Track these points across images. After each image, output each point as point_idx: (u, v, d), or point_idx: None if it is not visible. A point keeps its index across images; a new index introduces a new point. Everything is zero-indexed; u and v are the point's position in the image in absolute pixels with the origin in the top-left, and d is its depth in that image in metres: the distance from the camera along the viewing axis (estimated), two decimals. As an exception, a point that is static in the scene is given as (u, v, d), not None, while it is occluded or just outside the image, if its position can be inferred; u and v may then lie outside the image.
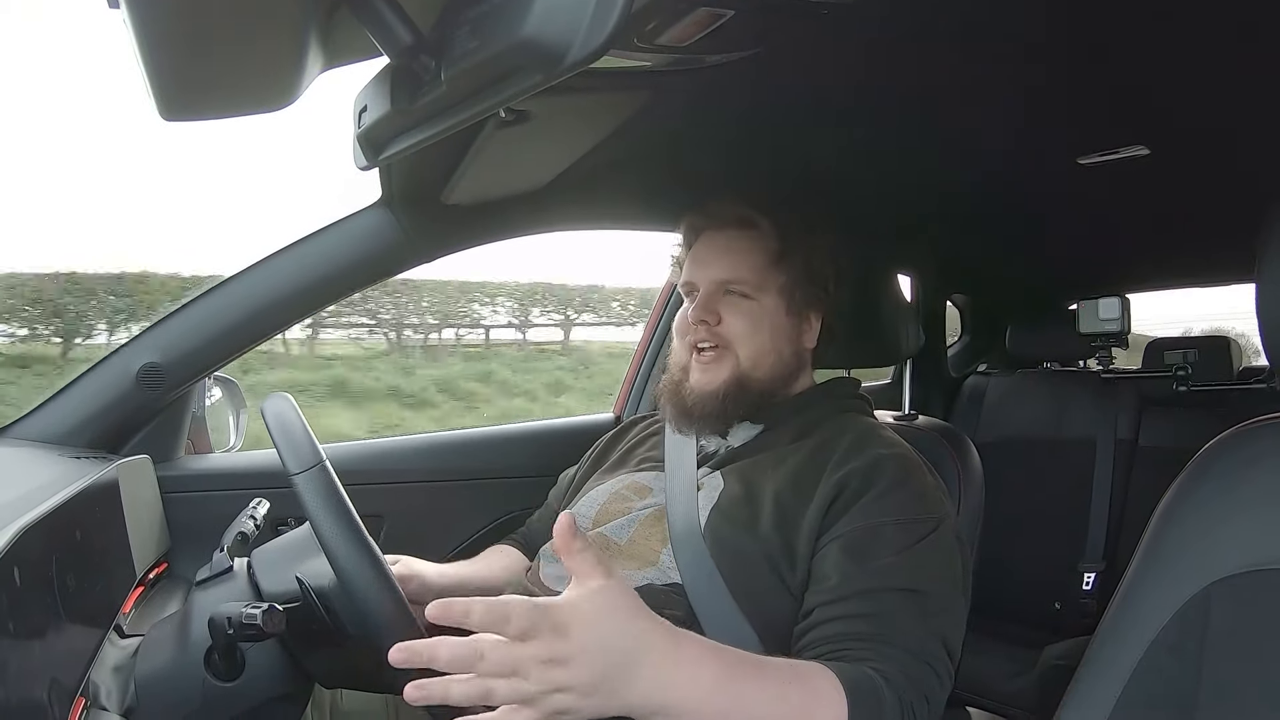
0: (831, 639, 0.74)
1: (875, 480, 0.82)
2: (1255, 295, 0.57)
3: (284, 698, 0.74)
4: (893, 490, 0.82)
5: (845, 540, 0.80)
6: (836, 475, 0.84)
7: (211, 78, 0.60)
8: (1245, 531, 0.55)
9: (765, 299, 0.94)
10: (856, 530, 0.80)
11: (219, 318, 1.10)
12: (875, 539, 0.79)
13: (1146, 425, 1.90)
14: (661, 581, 0.86)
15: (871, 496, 0.82)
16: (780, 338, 0.95)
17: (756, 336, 0.93)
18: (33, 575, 0.60)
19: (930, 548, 0.80)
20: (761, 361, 0.93)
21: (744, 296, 0.93)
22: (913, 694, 0.70)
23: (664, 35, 0.63)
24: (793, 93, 0.86)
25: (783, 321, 0.95)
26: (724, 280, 0.94)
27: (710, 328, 0.93)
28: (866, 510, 0.81)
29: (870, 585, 0.76)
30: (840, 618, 0.75)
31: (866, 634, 0.73)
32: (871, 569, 0.77)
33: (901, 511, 0.81)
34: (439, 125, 0.62)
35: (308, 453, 0.70)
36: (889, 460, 0.85)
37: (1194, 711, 0.54)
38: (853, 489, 0.82)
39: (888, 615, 0.74)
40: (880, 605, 0.75)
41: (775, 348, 0.94)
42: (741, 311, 0.93)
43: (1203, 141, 1.01)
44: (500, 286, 8.96)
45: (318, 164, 11.36)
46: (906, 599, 0.76)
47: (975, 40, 0.73)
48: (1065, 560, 1.86)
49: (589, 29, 0.45)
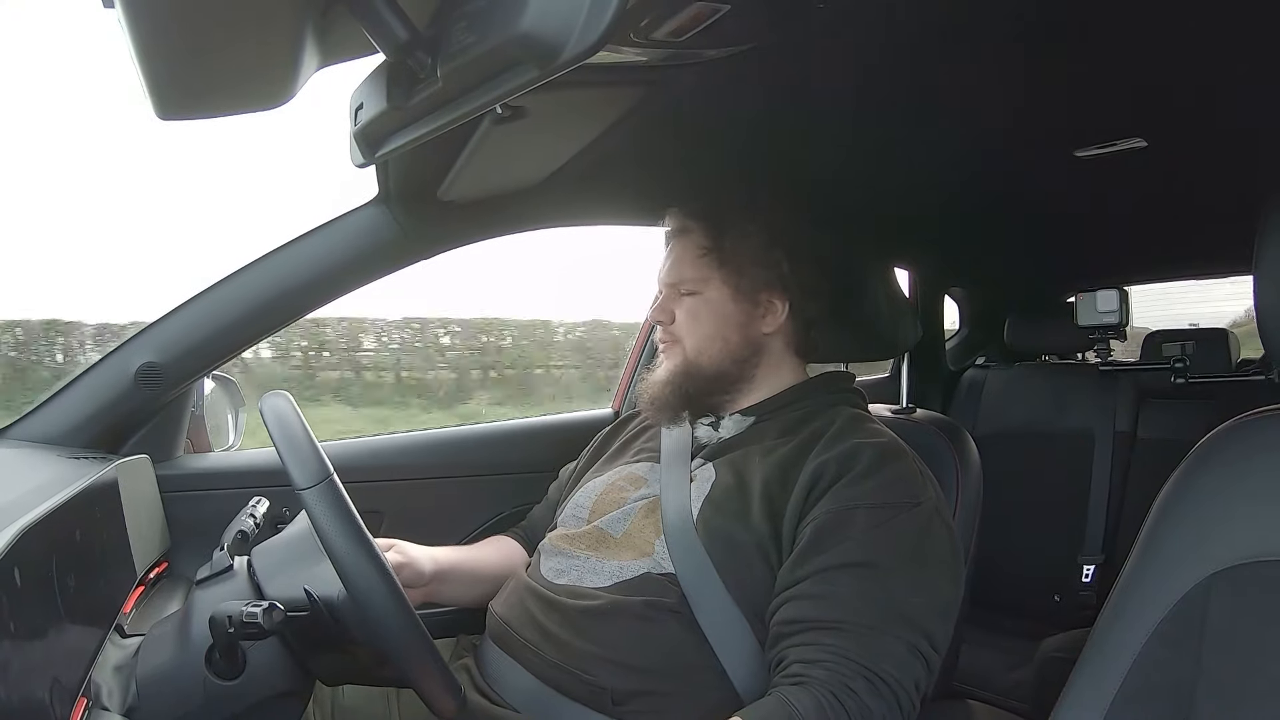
0: (782, 624, 0.79)
1: (850, 467, 0.85)
2: (1253, 287, 0.57)
3: (285, 695, 0.74)
4: (867, 476, 0.84)
5: (816, 524, 0.82)
6: (815, 463, 0.86)
7: (207, 76, 0.60)
8: (1244, 524, 0.55)
9: (709, 291, 0.99)
10: (828, 514, 0.82)
11: (217, 316, 1.10)
12: (844, 522, 0.81)
13: (1145, 418, 1.90)
14: (657, 571, 0.87)
15: (845, 482, 0.84)
16: (727, 325, 0.99)
17: (700, 328, 0.99)
18: (33, 576, 0.60)
19: (901, 526, 0.81)
20: (706, 349, 0.99)
21: (691, 294, 1.00)
22: (851, 676, 0.73)
23: (660, 30, 0.63)
24: (789, 87, 0.86)
25: (729, 309, 0.99)
26: (670, 282, 1.02)
27: (665, 327, 1.02)
28: (838, 495, 0.83)
29: (826, 564, 0.79)
30: (793, 599, 0.79)
31: (810, 620, 0.77)
32: (833, 551, 0.80)
33: (874, 496, 0.83)
34: (435, 122, 0.62)
35: (315, 466, 0.69)
36: (866, 448, 0.87)
37: (1192, 702, 0.54)
38: (829, 475, 0.85)
39: (835, 596, 0.77)
40: (830, 586, 0.78)
41: (721, 335, 0.99)
42: (687, 308, 1.00)
43: (1200, 134, 1.01)
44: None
45: (314, 162, 11.33)
46: (861, 575, 0.78)
47: (972, 34, 0.73)
48: (1064, 553, 1.87)
49: (585, 24, 0.44)
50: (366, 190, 1.10)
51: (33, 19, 10.68)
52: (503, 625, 0.93)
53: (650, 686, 0.82)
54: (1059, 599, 1.86)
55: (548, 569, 0.94)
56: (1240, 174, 1.15)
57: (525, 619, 0.90)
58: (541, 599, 0.90)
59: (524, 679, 0.87)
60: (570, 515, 1.01)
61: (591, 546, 0.93)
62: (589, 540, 0.94)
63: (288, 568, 0.77)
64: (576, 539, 0.95)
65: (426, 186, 1.06)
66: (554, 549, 0.96)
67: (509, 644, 0.91)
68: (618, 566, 0.89)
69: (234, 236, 8.23)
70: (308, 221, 1.11)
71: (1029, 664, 1.58)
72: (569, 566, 0.92)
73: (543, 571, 0.94)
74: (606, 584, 0.88)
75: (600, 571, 0.90)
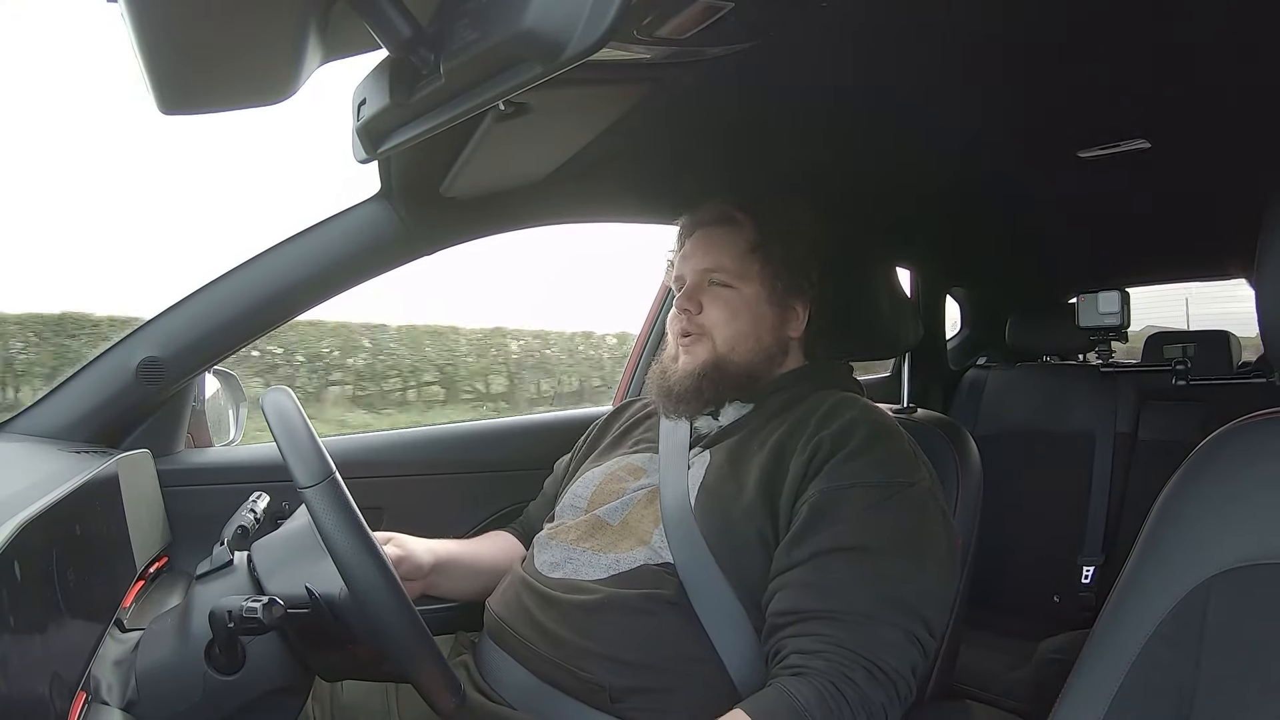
0: (778, 615, 0.79)
1: (845, 443, 0.85)
2: (1254, 290, 0.57)
3: (285, 690, 0.74)
4: (861, 453, 0.84)
5: (812, 502, 0.82)
6: (811, 442, 0.86)
7: (210, 71, 0.60)
8: (1244, 526, 0.55)
9: (746, 288, 0.98)
10: (823, 493, 0.82)
11: (219, 311, 1.10)
12: (839, 502, 0.81)
13: (1146, 419, 1.90)
14: (654, 562, 0.88)
15: (840, 459, 0.84)
16: (761, 325, 0.98)
17: (734, 323, 0.97)
18: (33, 570, 0.60)
19: (897, 509, 0.82)
20: (739, 346, 0.97)
21: (725, 286, 0.98)
22: (850, 666, 0.73)
23: (663, 28, 0.63)
24: (792, 86, 0.86)
25: (764, 310, 0.98)
26: (706, 269, 0.98)
27: (691, 316, 0.98)
28: (833, 473, 0.83)
29: (821, 547, 0.79)
30: (788, 587, 0.80)
31: (806, 610, 0.77)
32: (828, 532, 0.80)
33: (868, 474, 0.83)
34: (438, 118, 0.62)
35: (317, 464, 0.69)
36: (860, 424, 0.87)
37: (1192, 704, 0.54)
38: (824, 452, 0.85)
39: (830, 583, 0.78)
40: (825, 572, 0.78)
41: (755, 334, 0.98)
42: (721, 300, 0.98)
43: (1204, 136, 1.00)
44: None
45: (316, 157, 11.31)
46: (856, 559, 0.78)
47: (976, 33, 0.73)
48: (1064, 554, 1.87)
49: (588, 21, 0.44)
50: (369, 186, 1.11)
51: (35, 10, 10.64)
52: (499, 622, 0.93)
53: (647, 683, 0.82)
54: (1058, 600, 1.85)
55: (542, 562, 0.94)
56: (1243, 175, 1.15)
57: (521, 615, 0.90)
58: (537, 594, 0.90)
59: (521, 676, 0.87)
60: (568, 506, 1.01)
61: (588, 536, 0.93)
62: (585, 530, 0.94)
63: (288, 563, 0.77)
64: (572, 529, 0.95)
65: (429, 182, 1.06)
66: (549, 542, 0.96)
67: (506, 641, 0.91)
68: (614, 559, 0.89)
69: (236, 232, 8.22)
70: (310, 217, 1.11)
71: (1028, 665, 1.58)
72: (564, 559, 0.92)
73: (537, 565, 0.94)
74: (602, 577, 0.88)
75: (596, 564, 0.90)
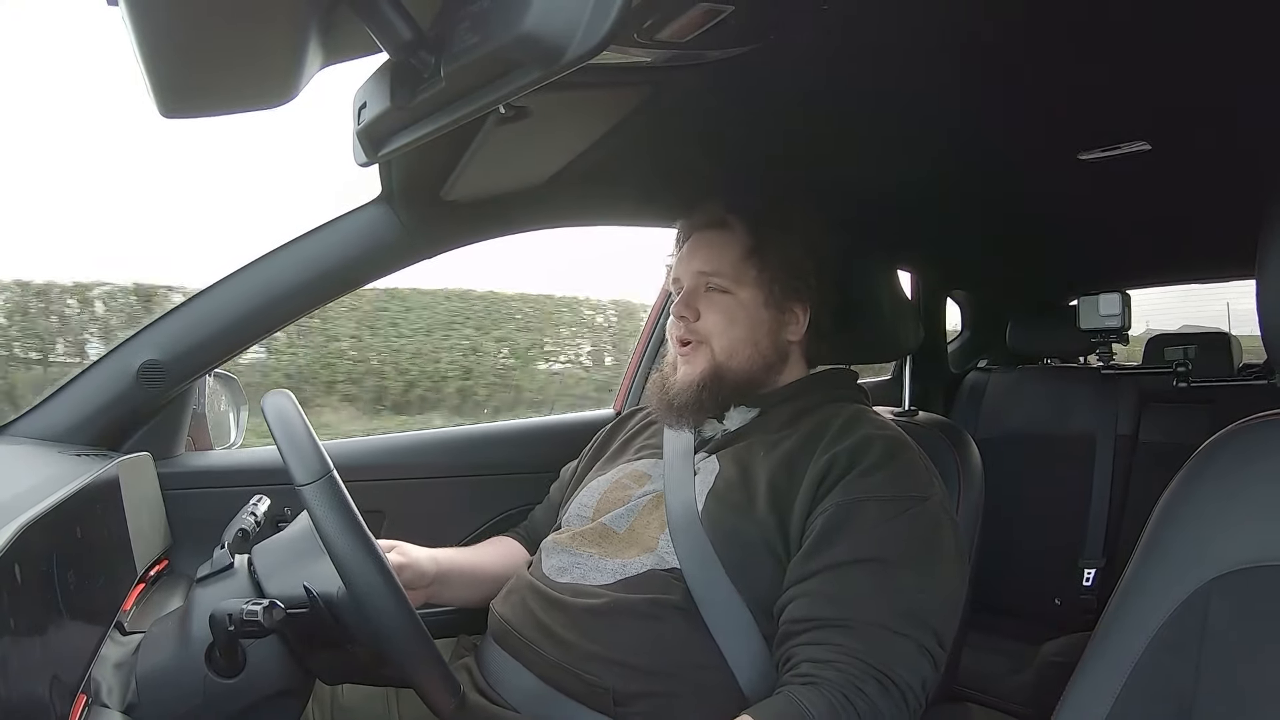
0: (791, 622, 0.79)
1: (860, 459, 0.85)
2: (1256, 292, 0.57)
3: (285, 693, 0.74)
4: (877, 468, 0.84)
5: (827, 516, 0.82)
6: (825, 455, 0.86)
7: (211, 75, 0.60)
8: (1245, 528, 0.55)
9: (742, 293, 0.97)
10: (839, 506, 0.82)
11: (219, 314, 1.10)
12: (855, 515, 0.81)
13: (1147, 421, 1.90)
14: (661, 567, 0.87)
15: (856, 474, 0.84)
16: (759, 330, 0.98)
17: (732, 329, 0.97)
18: (34, 573, 0.60)
19: (912, 522, 0.81)
20: (738, 352, 0.97)
21: (722, 291, 0.98)
22: (862, 677, 0.73)
23: (663, 31, 0.63)
24: (792, 89, 0.86)
25: (762, 314, 0.98)
26: (702, 271, 0.98)
27: (689, 324, 0.98)
28: (849, 487, 0.83)
29: (837, 559, 0.79)
30: (803, 596, 0.79)
31: (820, 618, 0.77)
32: (844, 545, 0.80)
33: (884, 489, 0.83)
34: (439, 121, 0.62)
35: (315, 463, 0.69)
36: (876, 440, 0.87)
37: (1193, 707, 0.54)
38: (840, 467, 0.84)
39: (846, 593, 0.77)
40: (840, 583, 0.78)
41: (753, 339, 0.97)
42: (718, 306, 0.97)
43: (1204, 137, 1.00)
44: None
45: (317, 161, 11.32)
46: (872, 571, 0.78)
47: (976, 36, 0.73)
48: (1065, 556, 1.87)
49: (588, 25, 0.44)
50: (369, 189, 1.11)
51: (35, 11, 10.64)
52: (504, 624, 0.92)
53: (653, 688, 0.81)
54: (1060, 602, 1.85)
55: (549, 567, 0.94)
56: (1244, 177, 1.15)
57: (527, 618, 0.90)
58: (544, 597, 0.90)
59: (525, 678, 0.87)
60: (574, 515, 1.00)
61: (595, 543, 0.93)
62: (592, 537, 0.94)
63: (288, 566, 0.77)
64: (579, 536, 0.95)
65: (429, 186, 1.06)
66: (556, 547, 0.96)
67: (510, 643, 0.91)
68: (620, 564, 0.89)
69: (235, 235, 8.22)
70: (310, 220, 1.11)
71: (1029, 667, 1.58)
72: (571, 564, 0.92)
73: (545, 570, 0.94)
74: (609, 581, 0.88)
75: (603, 569, 0.89)
